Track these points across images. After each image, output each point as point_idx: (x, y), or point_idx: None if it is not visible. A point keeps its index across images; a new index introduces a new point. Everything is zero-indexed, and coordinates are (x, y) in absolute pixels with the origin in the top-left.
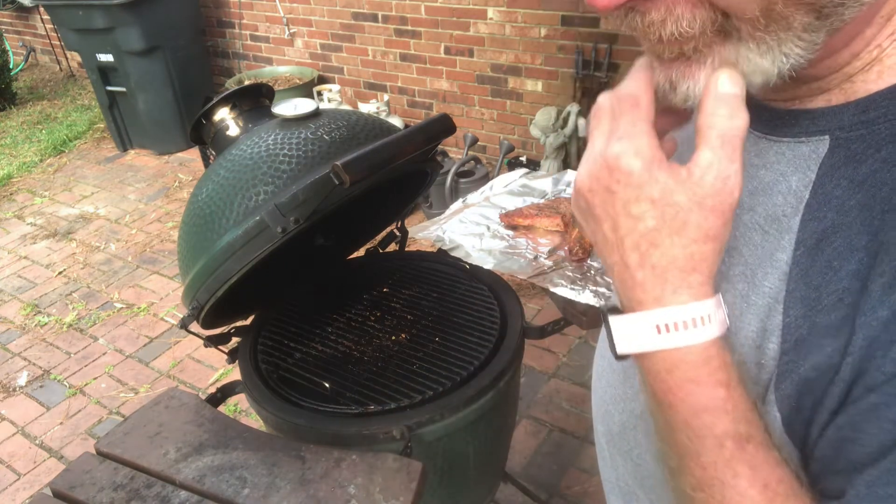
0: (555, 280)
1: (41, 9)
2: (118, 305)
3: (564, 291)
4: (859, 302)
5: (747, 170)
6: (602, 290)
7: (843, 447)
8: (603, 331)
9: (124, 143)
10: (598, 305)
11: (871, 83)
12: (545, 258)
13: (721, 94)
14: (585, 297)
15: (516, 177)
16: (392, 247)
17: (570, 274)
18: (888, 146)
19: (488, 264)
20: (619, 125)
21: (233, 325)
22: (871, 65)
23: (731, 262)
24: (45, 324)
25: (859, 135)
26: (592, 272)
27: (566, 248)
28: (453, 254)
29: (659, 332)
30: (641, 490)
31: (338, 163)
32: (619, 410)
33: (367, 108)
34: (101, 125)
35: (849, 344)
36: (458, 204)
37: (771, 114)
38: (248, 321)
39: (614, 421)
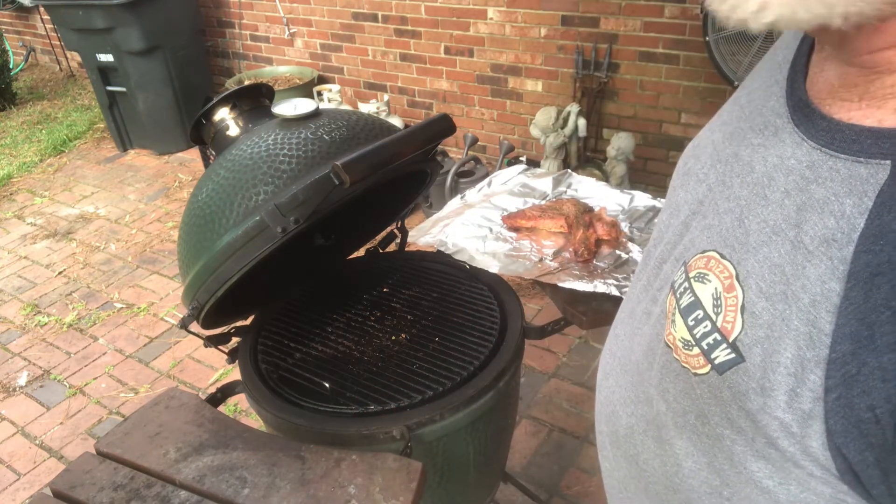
0: (562, 277)
1: (41, 9)
2: (118, 305)
3: (574, 284)
4: None
5: (796, 181)
6: (611, 282)
7: None
8: (613, 328)
9: (124, 143)
10: (608, 292)
11: None
12: (550, 260)
13: None
14: (594, 286)
15: (515, 173)
16: (392, 247)
17: (578, 273)
18: None
19: (493, 268)
20: None
21: (233, 325)
22: None
23: (774, 279)
24: (45, 324)
25: None
26: (599, 271)
27: (571, 249)
28: (457, 257)
29: None
30: (645, 495)
31: (338, 163)
32: (628, 413)
33: (367, 108)
34: (101, 125)
35: None
36: (456, 201)
37: (829, 124)
38: (248, 321)
39: (621, 423)
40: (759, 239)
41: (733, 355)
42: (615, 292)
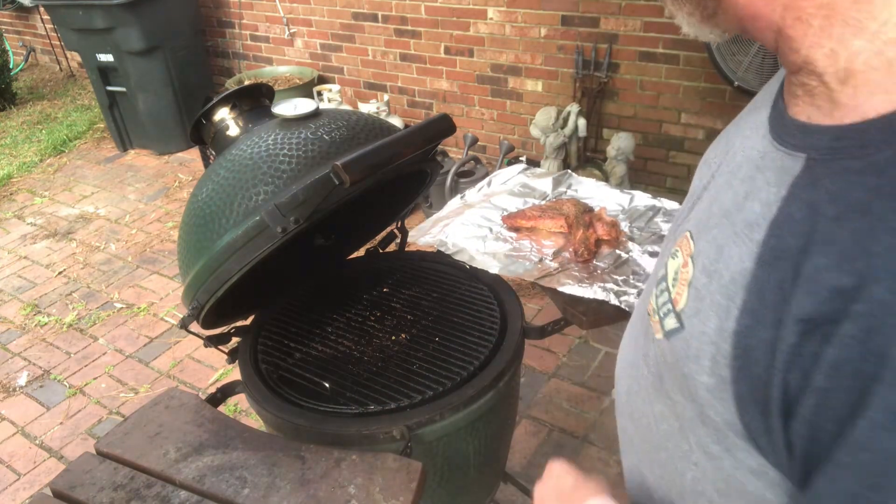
0: (562, 280)
1: (41, 9)
2: (118, 305)
3: (573, 289)
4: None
5: (750, 170)
6: (610, 285)
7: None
8: (638, 308)
9: (124, 143)
10: (607, 300)
11: (851, 100)
12: (550, 260)
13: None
14: (594, 291)
15: (515, 173)
16: (392, 247)
17: (577, 274)
18: (835, 178)
19: (493, 268)
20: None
21: (233, 325)
22: (846, 77)
23: (714, 257)
24: (45, 324)
25: (824, 160)
26: (599, 272)
27: (571, 249)
28: (457, 257)
29: None
30: (643, 450)
31: (338, 163)
32: (628, 375)
33: (367, 108)
34: (101, 125)
35: (773, 364)
36: (456, 201)
37: (783, 119)
38: (248, 321)
39: (623, 383)
40: (714, 221)
41: (677, 324)
42: (613, 300)
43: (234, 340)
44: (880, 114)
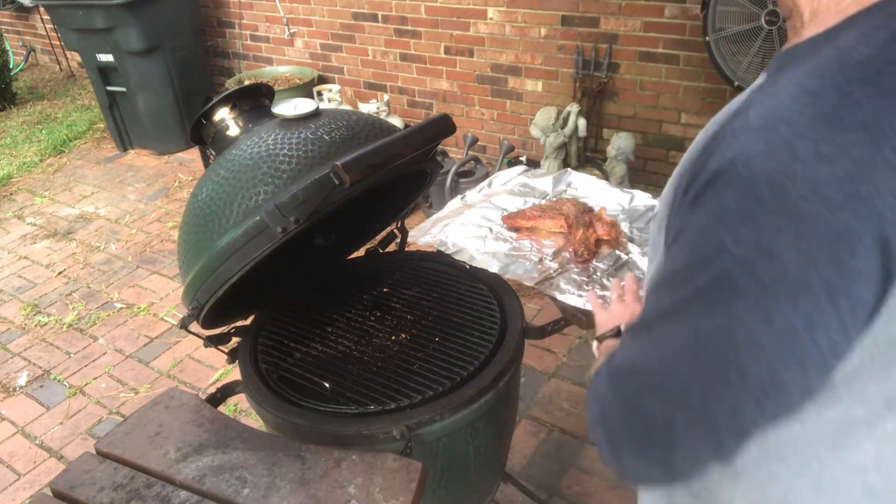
0: (561, 286)
1: (41, 9)
2: (118, 305)
3: (572, 299)
4: None
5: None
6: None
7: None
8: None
9: (124, 143)
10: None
11: (807, 33)
12: (550, 260)
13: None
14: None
15: (515, 174)
16: (392, 247)
17: (577, 277)
18: (768, 88)
19: (493, 267)
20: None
21: (233, 325)
22: (812, 17)
23: (686, 156)
24: (45, 324)
25: (769, 75)
26: (598, 274)
27: (571, 249)
28: (457, 257)
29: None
30: None
31: (338, 163)
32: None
33: (367, 108)
34: (101, 125)
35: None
36: (456, 201)
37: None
38: (248, 321)
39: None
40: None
41: (657, 209)
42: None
43: (234, 340)
44: (805, 38)
